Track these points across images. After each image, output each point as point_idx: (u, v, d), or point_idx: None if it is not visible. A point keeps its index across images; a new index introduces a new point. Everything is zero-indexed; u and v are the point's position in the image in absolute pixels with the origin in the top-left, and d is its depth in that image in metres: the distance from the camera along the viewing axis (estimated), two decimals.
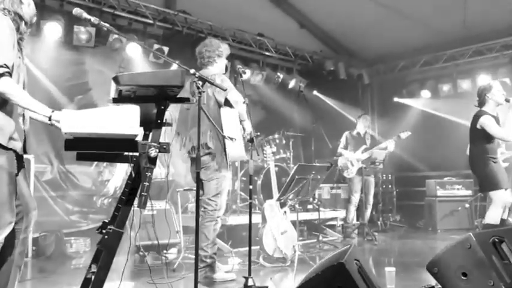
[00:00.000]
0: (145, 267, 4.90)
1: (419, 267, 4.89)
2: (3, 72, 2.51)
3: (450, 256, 3.24)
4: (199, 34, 7.69)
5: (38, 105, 2.61)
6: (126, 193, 3.00)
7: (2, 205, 2.60)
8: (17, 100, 2.59)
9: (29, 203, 2.94)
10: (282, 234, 5.03)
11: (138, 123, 2.34)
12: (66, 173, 6.54)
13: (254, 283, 3.61)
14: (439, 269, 3.25)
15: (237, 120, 4.06)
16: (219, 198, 4.19)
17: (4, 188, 2.60)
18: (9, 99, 2.59)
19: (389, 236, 7.59)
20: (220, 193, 4.21)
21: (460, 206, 7.99)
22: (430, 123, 9.06)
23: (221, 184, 4.21)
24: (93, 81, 6.91)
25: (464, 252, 3.14)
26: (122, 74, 2.38)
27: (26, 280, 4.33)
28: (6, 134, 2.64)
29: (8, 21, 2.64)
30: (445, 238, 7.23)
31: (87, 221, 6.48)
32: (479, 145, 4.92)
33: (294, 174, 4.53)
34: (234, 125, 3.98)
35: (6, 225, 2.64)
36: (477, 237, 3.12)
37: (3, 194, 2.60)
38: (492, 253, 3.08)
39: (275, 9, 8.43)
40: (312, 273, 2.26)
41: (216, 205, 4.17)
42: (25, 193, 2.94)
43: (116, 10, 6.73)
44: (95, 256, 2.95)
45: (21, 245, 2.92)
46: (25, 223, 2.91)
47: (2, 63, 2.52)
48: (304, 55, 9.28)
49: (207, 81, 2.88)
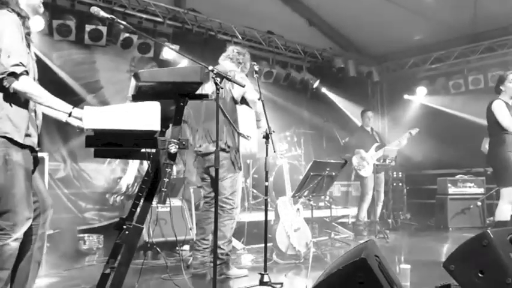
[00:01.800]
0: (158, 264, 4.93)
1: (433, 265, 4.88)
2: (21, 72, 2.53)
3: (467, 254, 3.22)
4: (209, 32, 7.71)
5: (59, 102, 2.63)
6: (142, 189, 3.02)
7: (20, 201, 2.63)
8: (38, 99, 2.61)
9: (45, 200, 2.97)
10: (295, 232, 5.03)
11: (159, 120, 2.35)
12: (79, 170, 6.59)
13: (270, 279, 3.62)
14: (456, 267, 3.23)
15: (253, 118, 4.06)
16: (235, 196, 4.18)
17: (22, 184, 2.63)
18: (30, 98, 2.62)
19: (401, 234, 7.57)
20: (236, 191, 4.20)
21: (471, 204, 7.92)
22: (440, 121, 9.01)
23: (236, 182, 4.20)
24: (104, 79, 6.94)
25: (481, 250, 3.12)
26: (142, 71, 2.38)
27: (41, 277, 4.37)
28: (22, 132, 2.66)
29: (13, 17, 2.64)
30: (456, 236, 7.19)
31: (100, 219, 6.52)
32: (496, 136, 4.92)
33: (309, 170, 4.53)
34: (249, 123, 3.99)
35: (25, 221, 2.67)
36: (494, 235, 3.10)
37: (21, 190, 2.63)
38: (510, 251, 3.07)
39: (284, 6, 8.42)
40: (333, 268, 2.26)
41: (233, 203, 4.16)
42: (42, 190, 2.97)
43: (127, 9, 6.77)
44: (113, 252, 2.97)
45: (40, 240, 2.95)
46: (42, 219, 2.94)
47: (17, 62, 2.53)
48: (313, 52, 9.27)
49: (225, 77, 2.89)
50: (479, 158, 7.31)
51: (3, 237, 2.59)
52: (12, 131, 2.60)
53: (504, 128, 4.84)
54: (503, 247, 3.04)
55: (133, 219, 3.01)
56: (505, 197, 4.83)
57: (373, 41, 9.50)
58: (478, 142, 7.22)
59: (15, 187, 2.61)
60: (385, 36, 8.96)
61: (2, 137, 2.59)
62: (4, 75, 2.53)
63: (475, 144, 7.31)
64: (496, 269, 2.97)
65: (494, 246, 3.03)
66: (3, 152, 2.58)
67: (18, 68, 2.54)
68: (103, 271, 2.95)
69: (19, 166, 2.62)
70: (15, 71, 2.53)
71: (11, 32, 2.58)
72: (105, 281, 2.83)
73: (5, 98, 2.61)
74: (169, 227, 5.36)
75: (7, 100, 2.61)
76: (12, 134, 2.60)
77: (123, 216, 2.83)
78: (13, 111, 2.63)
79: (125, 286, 2.48)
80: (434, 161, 9.11)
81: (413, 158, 9.02)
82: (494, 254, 3.01)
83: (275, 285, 3.63)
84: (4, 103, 2.61)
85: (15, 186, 2.61)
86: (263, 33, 8.41)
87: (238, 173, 4.23)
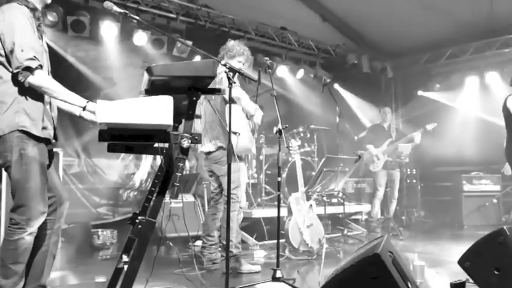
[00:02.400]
0: (171, 259, 4.96)
1: (447, 262, 4.84)
2: (36, 66, 2.55)
3: (482, 251, 3.19)
4: (222, 28, 7.70)
5: (73, 96, 2.66)
6: (156, 184, 3.03)
7: (35, 196, 2.66)
8: (53, 93, 2.64)
9: (62, 194, 3.00)
10: (308, 228, 5.02)
11: (171, 114, 2.35)
12: (93, 166, 6.65)
13: (283, 275, 3.61)
14: (471, 264, 3.20)
15: (240, 114, 4.09)
16: (238, 190, 4.26)
17: (37, 179, 2.65)
18: (45, 92, 2.64)
19: (414, 232, 7.50)
20: (239, 185, 4.28)
21: (487, 201, 7.81)
22: (456, 117, 8.90)
23: (237, 177, 4.25)
24: (117, 76, 6.98)
25: (497, 247, 3.08)
26: (155, 65, 2.39)
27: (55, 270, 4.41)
28: (39, 125, 2.69)
29: (23, 10, 2.66)
30: (471, 234, 7.09)
31: (114, 214, 6.57)
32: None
33: (322, 166, 4.51)
34: (237, 120, 4.01)
35: (39, 215, 2.70)
36: (510, 232, 3.06)
37: (36, 185, 2.66)
38: None
39: (298, 2, 8.36)
40: (346, 264, 2.25)
41: (237, 197, 4.25)
42: (57, 184, 3.00)
43: (140, 5, 6.79)
44: (126, 246, 2.99)
45: (55, 235, 2.98)
46: (58, 214, 2.97)
47: (31, 56, 2.55)
48: (327, 48, 9.22)
49: (238, 72, 2.88)
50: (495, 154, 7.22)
51: (18, 232, 2.62)
52: (29, 125, 2.63)
53: None
54: None
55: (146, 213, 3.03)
56: None
57: (387, 37, 9.39)
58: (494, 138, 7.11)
59: (30, 182, 2.64)
60: (399, 31, 8.85)
61: (19, 131, 2.62)
62: (19, 70, 2.55)
63: (491, 140, 7.20)
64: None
65: (510, 243, 2.99)
66: (18, 147, 2.61)
67: (33, 62, 2.56)
68: (116, 265, 2.97)
69: (34, 161, 2.65)
70: (30, 65, 2.55)
71: (23, 25, 2.60)
72: (118, 274, 2.85)
73: (20, 92, 2.64)
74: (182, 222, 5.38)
75: (22, 94, 2.64)
76: (29, 127, 2.63)
77: (137, 211, 2.85)
78: (29, 105, 2.66)
79: (137, 280, 2.48)
80: (449, 158, 9.00)
81: (428, 154, 8.91)
82: (510, 251, 2.97)
83: (288, 281, 3.61)
84: (20, 97, 2.64)
85: (30, 181, 2.64)
86: (276, 29, 8.38)
87: (239, 167, 4.26)
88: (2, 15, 2.63)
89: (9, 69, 2.63)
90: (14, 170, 2.62)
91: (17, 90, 2.63)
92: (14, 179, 2.64)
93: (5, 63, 2.63)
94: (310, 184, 4.65)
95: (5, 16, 2.62)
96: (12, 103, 2.62)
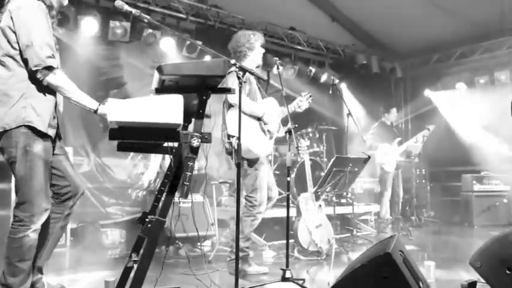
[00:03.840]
0: (180, 259, 4.97)
1: (457, 262, 4.81)
2: (56, 66, 2.58)
3: (494, 250, 3.16)
4: (232, 28, 7.70)
5: (87, 98, 2.68)
6: (165, 184, 3.04)
7: (39, 193, 2.67)
8: (68, 93, 2.66)
9: (77, 184, 2.98)
10: (317, 228, 5.01)
11: (181, 113, 2.35)
12: (102, 165, 6.68)
13: (292, 275, 3.60)
14: (483, 264, 3.17)
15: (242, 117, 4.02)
16: (257, 193, 4.11)
17: (41, 176, 2.67)
18: (60, 92, 2.66)
19: (424, 232, 7.46)
20: (259, 188, 4.12)
21: (497, 201, 7.77)
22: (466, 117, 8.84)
23: (256, 179, 4.13)
24: (127, 75, 7.02)
25: (509, 246, 3.05)
26: (166, 64, 2.39)
27: (65, 269, 4.44)
28: (46, 122, 2.69)
29: (41, 6, 2.67)
30: (481, 234, 7.05)
31: (123, 213, 6.58)
32: None
33: (331, 166, 4.49)
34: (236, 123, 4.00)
35: (43, 212, 2.71)
36: None
37: (40, 182, 2.67)
38: None
39: (307, 2, 8.36)
40: (357, 263, 2.24)
41: (255, 201, 4.09)
42: (72, 174, 2.98)
43: (150, 5, 6.81)
44: (136, 245, 3.00)
45: (64, 221, 2.98)
46: (72, 202, 2.97)
47: (50, 54, 2.57)
48: (336, 49, 9.20)
49: (248, 71, 2.88)
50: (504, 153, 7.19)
51: (21, 229, 2.64)
52: (36, 120, 2.64)
53: None
54: None
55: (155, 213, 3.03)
56: None
57: (396, 37, 9.36)
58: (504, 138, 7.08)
59: (34, 179, 2.65)
60: (408, 32, 8.81)
61: (26, 126, 2.62)
62: (39, 68, 2.57)
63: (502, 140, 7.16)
64: None
65: None
66: (24, 143, 2.62)
67: (53, 61, 2.58)
68: (126, 264, 2.98)
69: (38, 158, 2.65)
70: (52, 64, 2.57)
71: (41, 23, 2.62)
72: (127, 273, 2.86)
73: (30, 87, 2.64)
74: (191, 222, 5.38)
75: (32, 89, 2.65)
76: (36, 123, 2.63)
77: (146, 211, 2.86)
78: (38, 101, 2.67)
79: (146, 280, 2.49)
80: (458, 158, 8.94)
81: (437, 154, 8.86)
82: None
83: (297, 281, 3.60)
84: (28, 92, 2.64)
85: (34, 178, 2.65)
86: (285, 30, 8.37)
87: (260, 169, 4.17)
88: (18, 11, 2.61)
89: (21, 64, 2.63)
90: (18, 166, 2.63)
91: (26, 86, 2.64)
92: (18, 176, 2.66)
93: (16, 58, 2.63)
94: (319, 184, 4.63)
95: (22, 11, 2.61)
96: (20, 98, 2.63)
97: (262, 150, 4.07)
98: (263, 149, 4.10)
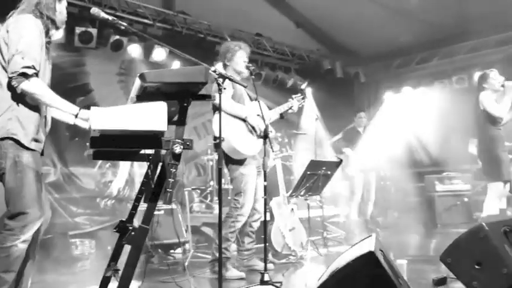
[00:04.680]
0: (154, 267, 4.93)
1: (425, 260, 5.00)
2: (31, 74, 2.55)
3: (463, 246, 3.31)
4: (199, 34, 7.73)
5: (65, 103, 2.66)
6: (142, 191, 3.04)
7: (31, 203, 2.63)
8: (46, 100, 2.63)
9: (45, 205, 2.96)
10: (290, 231, 5.08)
11: (166, 120, 2.37)
12: (70, 175, 6.54)
13: (270, 278, 3.65)
14: (453, 259, 3.31)
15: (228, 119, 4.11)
16: (241, 196, 4.21)
17: (32, 186, 2.63)
18: (38, 99, 2.62)
19: (390, 232, 7.66)
20: (243, 192, 4.22)
21: (459, 200, 8.07)
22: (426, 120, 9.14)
23: (241, 183, 4.23)
24: (94, 82, 6.91)
25: (478, 242, 3.20)
26: (148, 71, 2.40)
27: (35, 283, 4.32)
28: (30, 135, 2.66)
29: (37, 23, 2.69)
30: (445, 232, 7.32)
31: (91, 223, 6.46)
32: (488, 131, 5.00)
33: (306, 170, 4.58)
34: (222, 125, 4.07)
35: (36, 220, 2.67)
36: (489, 227, 3.19)
37: (32, 192, 2.63)
38: (504, 242, 3.16)
39: (272, 9, 8.47)
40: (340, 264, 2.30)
41: (237, 203, 4.19)
42: (43, 199, 2.96)
43: (117, 11, 6.73)
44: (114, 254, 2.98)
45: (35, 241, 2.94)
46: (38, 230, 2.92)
47: (30, 64, 2.55)
48: (301, 54, 9.34)
49: (227, 78, 2.92)
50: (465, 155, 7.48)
51: (11, 238, 2.58)
52: (20, 134, 2.61)
53: (493, 122, 4.94)
54: (499, 239, 3.14)
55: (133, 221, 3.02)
56: (493, 191, 4.94)
57: (359, 42, 9.60)
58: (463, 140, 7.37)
59: (26, 189, 2.61)
60: (371, 37, 9.05)
61: (11, 138, 2.59)
62: (14, 75, 2.54)
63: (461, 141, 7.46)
64: (493, 260, 3.06)
65: (490, 239, 3.12)
66: (13, 154, 2.58)
67: (30, 70, 2.55)
68: (104, 274, 2.95)
69: (29, 168, 2.62)
70: (26, 72, 2.54)
71: (32, 37, 2.62)
72: (106, 283, 2.84)
73: (17, 100, 2.62)
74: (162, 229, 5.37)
75: (18, 101, 2.63)
76: (19, 135, 2.60)
77: (116, 220, 2.85)
78: (23, 114, 2.64)
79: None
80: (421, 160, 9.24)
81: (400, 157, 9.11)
82: (490, 246, 3.10)
83: (275, 284, 3.65)
84: (15, 104, 2.62)
85: (25, 188, 2.61)
86: (251, 35, 8.45)
87: (244, 172, 4.24)
88: (15, 24, 2.65)
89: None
90: (8, 178, 2.59)
91: (13, 97, 2.62)
92: (8, 187, 2.61)
93: (7, 69, 2.63)
94: (294, 188, 4.71)
95: (18, 25, 2.64)
96: (6, 110, 2.61)
97: (249, 150, 4.17)
98: (250, 149, 4.21)
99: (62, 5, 2.89)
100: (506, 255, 3.05)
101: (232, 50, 4.40)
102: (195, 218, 6.15)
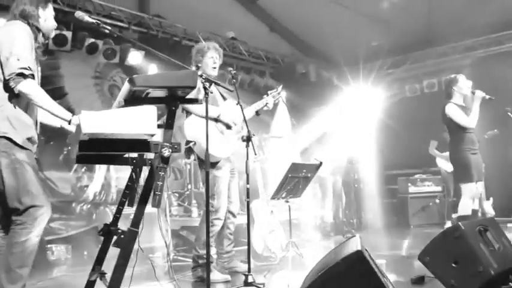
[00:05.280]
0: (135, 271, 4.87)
1: (402, 259, 5.14)
2: (28, 74, 2.57)
3: (440, 246, 3.43)
4: (174, 38, 7.71)
5: (59, 109, 2.68)
6: (126, 195, 3.04)
7: (40, 195, 2.67)
8: (40, 102, 2.65)
9: None
10: (270, 233, 5.13)
11: (156, 123, 2.39)
12: (45, 179, 6.40)
13: (254, 280, 3.68)
14: (431, 258, 3.44)
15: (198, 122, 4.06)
16: (215, 199, 4.13)
17: (34, 179, 2.66)
18: (32, 100, 2.64)
19: (366, 233, 7.81)
20: (216, 194, 4.15)
21: (430, 201, 8.32)
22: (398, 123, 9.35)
23: (214, 185, 4.15)
24: (69, 85, 6.80)
25: (454, 241, 3.33)
26: (137, 76, 2.42)
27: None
28: (21, 134, 2.68)
29: (27, 28, 2.74)
30: (417, 233, 7.53)
31: (67, 228, 6.35)
32: (457, 135, 5.11)
33: (287, 172, 4.63)
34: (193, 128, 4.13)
35: (47, 212, 2.71)
36: (465, 227, 3.32)
37: (35, 185, 2.66)
38: (479, 241, 3.30)
39: (247, 13, 8.56)
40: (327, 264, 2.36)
41: (212, 207, 4.09)
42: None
43: (92, 14, 6.66)
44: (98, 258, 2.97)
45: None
46: None
47: (26, 66, 2.58)
48: (276, 58, 9.43)
49: (213, 82, 2.95)
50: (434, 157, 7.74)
51: (24, 232, 2.59)
52: (11, 132, 2.61)
53: (463, 128, 5.07)
54: (474, 238, 3.27)
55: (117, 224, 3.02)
56: (466, 193, 5.07)
57: (332, 47, 9.75)
58: None
59: (30, 183, 2.63)
60: (344, 41, 9.22)
61: (4, 137, 2.60)
62: (12, 76, 2.55)
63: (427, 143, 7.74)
64: (469, 259, 3.19)
65: (466, 238, 3.25)
66: (7, 152, 2.61)
67: (26, 71, 2.58)
68: (89, 278, 2.94)
69: (26, 163, 2.65)
70: (24, 72, 2.57)
71: (23, 41, 2.66)
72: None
73: (9, 100, 2.65)
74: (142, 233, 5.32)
75: (11, 102, 2.66)
76: (11, 134, 2.61)
77: (92, 225, 2.87)
78: (15, 114, 2.66)
79: None
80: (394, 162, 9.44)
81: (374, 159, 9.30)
82: (466, 245, 3.23)
83: (258, 286, 3.69)
84: (7, 104, 2.65)
85: (30, 182, 2.64)
86: (227, 39, 8.48)
87: (217, 175, 4.18)
88: (5, 28, 2.73)
89: (0, 78, 2.65)
90: (7, 175, 2.60)
91: (5, 98, 2.64)
92: (10, 185, 2.61)
93: None
94: (275, 190, 4.76)
95: (9, 29, 2.71)
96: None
97: (221, 152, 4.14)
98: (222, 151, 4.16)
99: (46, 12, 2.91)
100: (481, 253, 3.19)
101: (202, 51, 4.38)
102: (174, 221, 6.14)
